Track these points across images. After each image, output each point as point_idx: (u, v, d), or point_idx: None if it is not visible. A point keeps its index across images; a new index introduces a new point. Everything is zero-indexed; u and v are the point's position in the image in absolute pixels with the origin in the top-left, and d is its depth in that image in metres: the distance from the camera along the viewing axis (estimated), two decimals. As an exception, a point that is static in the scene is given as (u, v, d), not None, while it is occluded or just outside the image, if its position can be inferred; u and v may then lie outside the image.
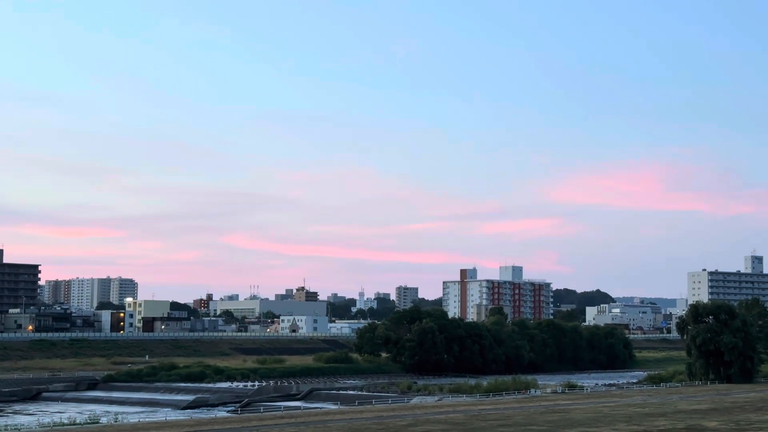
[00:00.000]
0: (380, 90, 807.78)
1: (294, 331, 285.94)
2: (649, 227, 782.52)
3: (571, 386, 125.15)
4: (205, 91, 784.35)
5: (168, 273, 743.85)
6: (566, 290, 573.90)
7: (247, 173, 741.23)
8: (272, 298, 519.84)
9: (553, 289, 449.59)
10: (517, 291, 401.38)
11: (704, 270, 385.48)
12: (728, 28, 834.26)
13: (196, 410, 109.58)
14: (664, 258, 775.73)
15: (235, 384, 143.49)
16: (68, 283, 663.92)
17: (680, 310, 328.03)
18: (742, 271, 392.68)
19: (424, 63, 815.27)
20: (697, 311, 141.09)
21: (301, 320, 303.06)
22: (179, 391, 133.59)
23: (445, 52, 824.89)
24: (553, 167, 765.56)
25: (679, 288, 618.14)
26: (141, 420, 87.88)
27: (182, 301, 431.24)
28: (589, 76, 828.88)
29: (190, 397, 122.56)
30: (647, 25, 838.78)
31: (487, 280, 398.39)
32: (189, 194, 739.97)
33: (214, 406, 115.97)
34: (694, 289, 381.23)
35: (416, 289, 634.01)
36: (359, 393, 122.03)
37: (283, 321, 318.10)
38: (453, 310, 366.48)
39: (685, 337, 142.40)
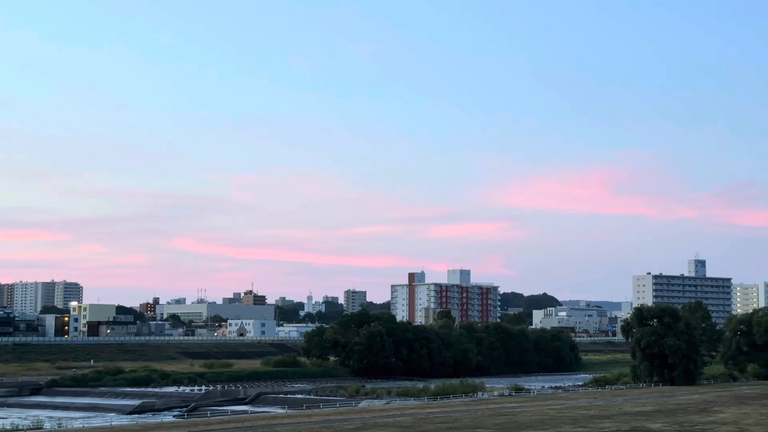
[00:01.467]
0: (329, 93, 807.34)
1: (242, 335, 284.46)
2: (595, 231, 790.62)
3: (518, 389, 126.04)
4: (154, 94, 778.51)
5: (114, 277, 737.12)
6: (514, 294, 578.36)
7: (196, 177, 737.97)
8: (220, 301, 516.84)
9: (501, 292, 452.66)
10: (465, 294, 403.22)
11: (649, 273, 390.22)
12: (678, 29, 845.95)
13: (141, 415, 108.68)
14: (610, 262, 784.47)
15: (181, 388, 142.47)
16: (11, 287, 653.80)
17: (625, 314, 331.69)
18: (686, 274, 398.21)
19: (376, 66, 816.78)
20: (641, 314, 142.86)
21: (249, 324, 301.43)
22: (125, 395, 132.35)
23: (397, 55, 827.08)
24: (501, 171, 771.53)
25: (625, 291, 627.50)
26: (85, 425, 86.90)
27: (128, 305, 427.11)
28: (538, 80, 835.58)
29: (135, 402, 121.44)
30: (596, 25, 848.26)
31: (436, 284, 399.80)
32: (137, 197, 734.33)
33: (160, 410, 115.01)
34: (639, 292, 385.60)
35: (365, 292, 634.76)
36: (307, 397, 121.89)
37: (230, 325, 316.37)
38: (401, 314, 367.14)
39: (630, 340, 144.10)
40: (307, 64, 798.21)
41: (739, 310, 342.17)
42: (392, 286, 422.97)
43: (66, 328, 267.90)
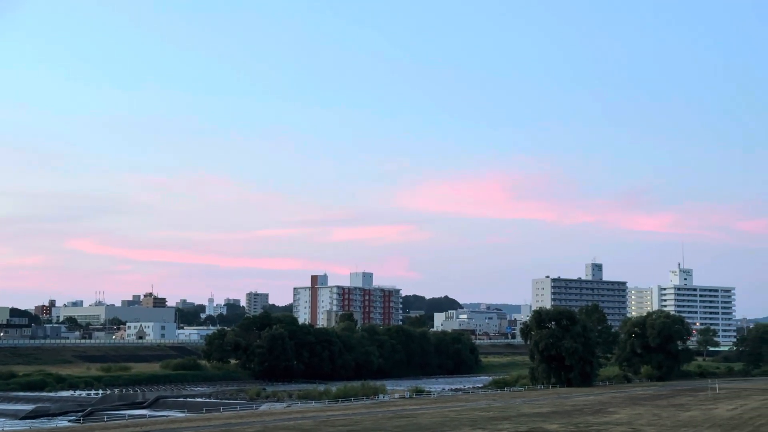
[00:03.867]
0: (232, 96, 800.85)
1: (141, 338, 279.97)
2: (496, 235, 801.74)
3: (419, 391, 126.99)
4: (53, 95, 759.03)
5: (8, 279, 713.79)
6: (415, 296, 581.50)
7: (96, 177, 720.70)
8: (119, 304, 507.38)
9: (403, 295, 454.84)
10: (367, 297, 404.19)
11: (547, 277, 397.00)
12: (580, 31, 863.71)
13: (35, 420, 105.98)
14: (510, 265, 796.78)
15: (78, 392, 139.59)
16: None
17: (524, 316, 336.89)
18: (583, 278, 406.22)
19: (278, 70, 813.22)
20: (540, 317, 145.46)
21: (149, 327, 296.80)
22: (18, 400, 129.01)
23: (299, 59, 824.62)
24: (404, 175, 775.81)
25: (524, 294, 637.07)
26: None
27: (23, 308, 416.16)
28: (440, 84, 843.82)
29: (29, 407, 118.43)
30: (496, 28, 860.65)
31: (338, 287, 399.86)
32: (33, 197, 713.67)
33: (55, 415, 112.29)
34: (537, 295, 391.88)
35: (267, 295, 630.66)
36: (207, 400, 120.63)
37: (129, 328, 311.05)
38: (304, 317, 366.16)
39: (528, 342, 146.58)
40: (207, 67, 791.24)
41: (633, 313, 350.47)
42: (295, 288, 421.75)
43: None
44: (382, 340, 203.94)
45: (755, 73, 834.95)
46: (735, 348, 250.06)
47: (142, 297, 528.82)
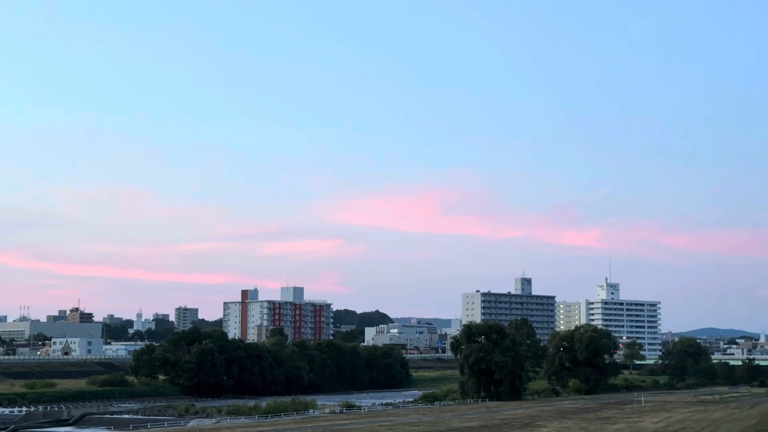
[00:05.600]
0: (161, 111, 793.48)
1: (67, 353, 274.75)
2: (427, 250, 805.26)
3: (350, 406, 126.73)
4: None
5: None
6: (347, 311, 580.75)
7: (21, 190, 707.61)
8: (44, 319, 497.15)
9: (334, 309, 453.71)
10: (298, 312, 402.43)
11: (478, 291, 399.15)
12: (513, 47, 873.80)
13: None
14: (441, 279, 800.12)
15: (0, 410, 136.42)
16: None
17: (455, 330, 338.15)
18: (513, 292, 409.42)
19: (206, 84, 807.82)
20: (470, 331, 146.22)
21: (75, 342, 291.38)
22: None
23: (230, 72, 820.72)
24: (336, 189, 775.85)
25: (455, 309, 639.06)
26: None
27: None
28: (372, 99, 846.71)
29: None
30: (436, 40, 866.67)
31: (269, 301, 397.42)
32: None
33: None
34: (468, 309, 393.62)
35: (196, 309, 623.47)
36: (134, 417, 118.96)
37: (55, 343, 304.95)
38: (234, 331, 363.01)
39: (459, 357, 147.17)
40: (135, 81, 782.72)
41: (562, 327, 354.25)
42: (225, 303, 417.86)
43: None
44: (313, 354, 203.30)
45: (677, 91, 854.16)
46: (660, 361, 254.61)
47: (68, 312, 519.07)
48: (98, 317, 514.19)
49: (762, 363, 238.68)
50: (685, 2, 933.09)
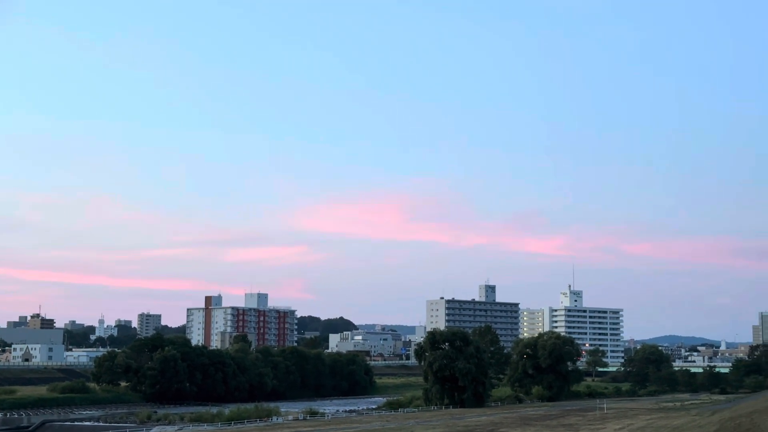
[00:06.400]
0: (124, 116, 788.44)
1: (27, 360, 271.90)
2: (391, 256, 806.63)
3: (313, 413, 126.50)
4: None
5: None
6: (311, 317, 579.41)
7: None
8: (4, 325, 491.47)
9: (299, 316, 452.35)
10: (262, 318, 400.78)
11: (442, 298, 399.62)
12: (476, 56, 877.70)
13: None
14: (405, 286, 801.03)
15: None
16: None
17: (419, 337, 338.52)
18: (477, 299, 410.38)
19: (170, 91, 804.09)
20: (434, 338, 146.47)
21: (36, 349, 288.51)
22: None
23: (194, 78, 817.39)
24: (300, 196, 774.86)
25: (419, 315, 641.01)
26: None
27: None
28: (337, 107, 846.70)
29: None
30: (397, 48, 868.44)
31: (232, 308, 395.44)
32: None
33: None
34: (432, 316, 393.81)
35: (159, 316, 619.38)
36: (95, 424, 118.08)
37: (15, 350, 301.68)
38: (197, 338, 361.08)
39: (423, 363, 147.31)
40: (97, 88, 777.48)
41: (525, 334, 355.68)
42: (188, 309, 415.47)
43: None
44: (277, 361, 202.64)
45: (638, 102, 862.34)
46: (623, 368, 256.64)
47: (29, 318, 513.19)
48: (60, 323, 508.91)
49: (722, 370, 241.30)
50: (640, 17, 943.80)
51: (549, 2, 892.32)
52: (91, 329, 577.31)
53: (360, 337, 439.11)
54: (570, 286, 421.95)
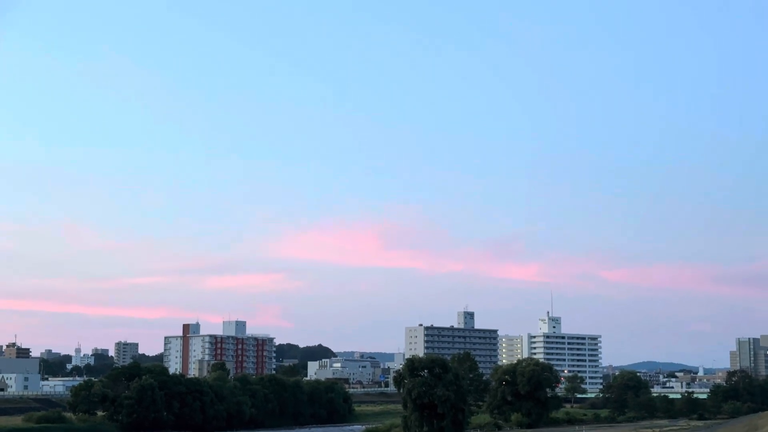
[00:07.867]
0: (101, 143, 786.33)
1: (2, 390, 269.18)
2: (369, 283, 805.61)
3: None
4: None
5: None
6: (290, 345, 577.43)
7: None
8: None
9: (277, 344, 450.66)
10: (240, 346, 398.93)
11: (421, 325, 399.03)
12: (450, 78, 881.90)
13: None
14: (384, 313, 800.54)
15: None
16: None
17: (398, 364, 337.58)
18: (456, 326, 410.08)
19: (151, 113, 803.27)
20: (413, 365, 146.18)
21: (11, 378, 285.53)
22: None
23: (171, 104, 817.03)
24: (277, 223, 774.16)
25: (398, 343, 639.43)
26: None
27: None
28: (312, 132, 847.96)
29: None
30: (368, 70, 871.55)
31: (210, 335, 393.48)
32: None
33: None
34: (411, 343, 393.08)
35: (137, 344, 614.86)
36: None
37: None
38: (175, 366, 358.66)
39: (401, 391, 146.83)
40: (71, 115, 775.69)
41: (504, 361, 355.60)
42: (166, 337, 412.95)
43: None
44: (255, 389, 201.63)
45: (615, 122, 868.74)
46: (601, 395, 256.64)
47: (4, 347, 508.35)
48: (36, 352, 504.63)
49: (700, 396, 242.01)
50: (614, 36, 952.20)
51: (525, 27, 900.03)
52: (68, 358, 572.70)
53: (339, 365, 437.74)
54: (548, 312, 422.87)
